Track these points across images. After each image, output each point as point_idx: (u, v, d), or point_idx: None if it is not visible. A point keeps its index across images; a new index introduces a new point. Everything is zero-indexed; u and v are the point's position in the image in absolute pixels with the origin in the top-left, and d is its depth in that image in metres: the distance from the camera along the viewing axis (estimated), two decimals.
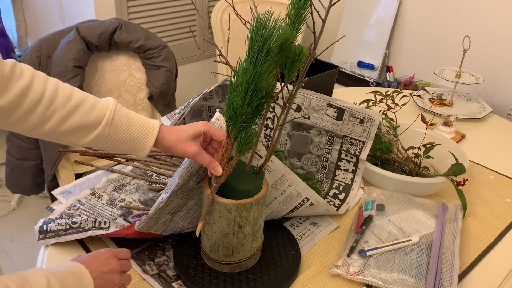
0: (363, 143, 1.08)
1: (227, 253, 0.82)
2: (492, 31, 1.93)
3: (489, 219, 1.06)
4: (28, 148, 1.57)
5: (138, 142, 0.76)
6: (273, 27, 0.67)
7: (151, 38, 1.66)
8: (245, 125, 0.72)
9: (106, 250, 0.73)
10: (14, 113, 0.67)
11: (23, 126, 0.69)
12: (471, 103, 1.67)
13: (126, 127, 0.75)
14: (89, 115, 0.72)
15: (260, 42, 0.67)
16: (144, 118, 0.77)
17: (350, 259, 0.88)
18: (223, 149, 0.76)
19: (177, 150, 0.77)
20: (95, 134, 0.73)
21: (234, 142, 0.75)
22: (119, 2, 2.10)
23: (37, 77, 0.70)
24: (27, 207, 2.23)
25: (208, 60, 2.58)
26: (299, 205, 0.95)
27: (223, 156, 0.76)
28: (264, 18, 0.67)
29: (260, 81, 0.68)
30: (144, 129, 0.76)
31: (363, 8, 2.31)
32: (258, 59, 0.67)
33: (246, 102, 0.69)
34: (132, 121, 0.75)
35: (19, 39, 2.56)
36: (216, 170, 0.75)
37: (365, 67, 2.31)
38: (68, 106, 0.71)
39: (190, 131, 0.77)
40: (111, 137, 0.74)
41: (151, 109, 1.78)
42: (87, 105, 0.72)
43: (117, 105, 0.75)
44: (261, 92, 0.69)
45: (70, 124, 0.71)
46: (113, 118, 0.73)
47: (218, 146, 0.81)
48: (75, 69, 1.50)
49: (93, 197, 1.03)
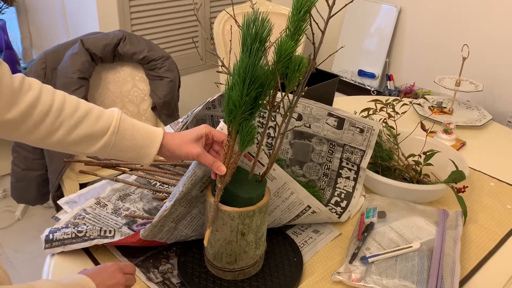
0: (363, 152, 1.09)
1: (231, 261, 0.83)
2: (492, 39, 1.95)
3: (489, 226, 1.07)
4: (33, 159, 1.59)
5: (143, 149, 0.78)
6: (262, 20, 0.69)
7: (155, 50, 1.68)
8: (245, 117, 0.73)
9: (112, 264, 0.74)
10: (23, 124, 0.69)
11: (32, 137, 0.71)
12: (471, 110, 1.69)
13: (131, 135, 0.77)
14: (96, 124, 0.74)
15: (252, 34, 0.69)
16: (149, 126, 0.79)
17: (352, 265, 0.89)
18: (225, 148, 0.78)
19: (181, 152, 0.79)
20: (102, 142, 0.75)
21: (235, 138, 0.76)
22: (123, 14, 2.13)
23: (45, 89, 0.72)
24: (32, 217, 2.24)
25: (211, 70, 2.61)
26: (301, 213, 0.96)
27: (225, 155, 0.78)
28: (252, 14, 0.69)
29: (256, 69, 0.70)
30: (149, 136, 0.78)
31: (363, 17, 2.33)
32: (252, 50, 0.70)
33: (244, 92, 0.71)
34: (137, 129, 0.78)
35: (24, 51, 2.59)
36: (220, 169, 0.76)
37: (366, 76, 2.34)
38: (75, 117, 0.73)
39: (192, 134, 0.79)
40: (117, 145, 0.76)
41: (155, 119, 1.80)
42: (93, 115, 0.75)
43: (122, 114, 0.77)
44: (258, 81, 0.71)
45: (78, 134, 0.73)
46: (119, 127, 0.76)
47: (220, 148, 0.82)
48: (79, 80, 1.52)
49: (98, 206, 1.04)
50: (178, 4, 2.31)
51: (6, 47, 2.31)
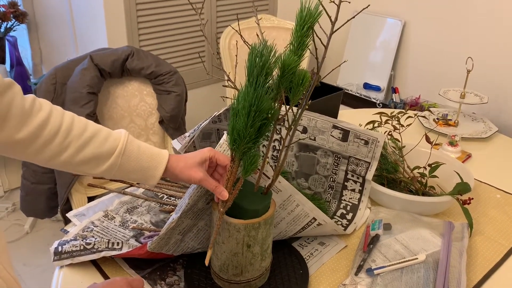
0: (368, 163, 1.10)
1: (237, 273, 0.84)
2: (496, 51, 1.96)
3: (496, 238, 1.07)
4: (42, 172, 1.62)
5: (148, 171, 0.79)
6: (270, 51, 0.70)
7: (162, 65, 1.71)
8: (249, 146, 0.74)
9: (121, 279, 0.75)
10: (32, 144, 0.71)
11: (40, 157, 0.72)
12: (477, 122, 1.69)
13: (137, 156, 0.78)
14: (103, 145, 0.75)
15: (259, 66, 0.70)
16: (154, 149, 0.80)
17: (358, 277, 0.90)
18: (228, 173, 0.79)
19: (184, 176, 0.80)
20: (109, 163, 0.76)
21: (238, 164, 0.77)
22: (131, 30, 2.17)
23: (54, 110, 0.74)
24: (40, 230, 2.26)
25: (217, 84, 2.64)
26: (307, 225, 0.97)
27: (228, 180, 0.78)
28: (260, 45, 0.70)
29: (261, 102, 0.71)
30: (154, 158, 0.79)
31: (368, 31, 2.36)
32: (258, 82, 0.71)
33: (249, 123, 0.72)
34: (143, 151, 0.79)
35: (34, 67, 2.64)
36: (222, 195, 0.77)
37: (371, 89, 2.35)
38: (83, 137, 0.74)
39: (196, 158, 0.80)
40: (123, 167, 0.77)
41: (162, 132, 1.82)
42: (101, 136, 0.76)
43: (129, 136, 0.78)
44: (263, 113, 0.72)
45: (85, 155, 0.74)
46: (126, 148, 0.77)
47: (223, 172, 0.83)
48: (89, 95, 1.55)
49: (106, 219, 1.06)
50: (185, 20, 2.36)
51: (17, 63, 2.35)
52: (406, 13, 2.23)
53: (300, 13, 0.72)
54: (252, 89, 0.71)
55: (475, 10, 1.99)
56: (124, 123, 1.75)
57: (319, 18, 0.71)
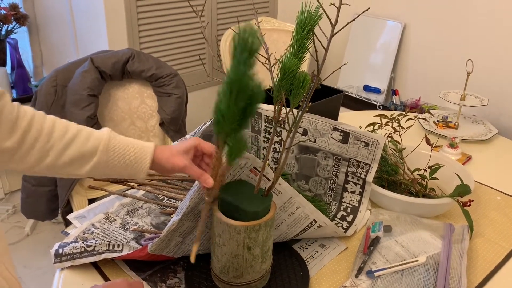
0: (369, 165, 1.10)
1: (237, 275, 0.84)
2: (496, 53, 1.96)
3: (496, 240, 1.07)
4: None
5: (136, 165, 0.78)
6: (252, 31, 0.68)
7: (163, 67, 1.71)
8: (233, 127, 0.70)
9: (121, 281, 0.75)
10: (18, 151, 0.70)
11: (23, 165, 0.72)
12: (477, 125, 1.69)
13: (122, 151, 0.77)
14: (86, 144, 0.75)
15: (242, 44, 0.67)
16: (139, 142, 0.80)
17: (358, 279, 0.90)
18: (213, 160, 0.76)
19: (168, 165, 0.79)
20: (94, 162, 0.75)
21: (223, 150, 0.74)
22: (131, 33, 2.17)
23: (37, 115, 0.74)
24: (41, 233, 2.26)
25: (217, 86, 2.64)
26: (307, 227, 0.97)
27: (214, 167, 0.76)
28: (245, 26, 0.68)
29: (245, 79, 0.67)
30: (140, 150, 0.78)
31: (368, 33, 2.36)
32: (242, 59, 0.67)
33: (231, 103, 0.68)
34: (128, 145, 0.78)
35: (35, 69, 2.65)
36: (207, 181, 0.76)
37: (371, 91, 2.35)
38: (65, 139, 0.74)
39: (181, 146, 0.80)
40: (109, 163, 0.77)
41: (162, 135, 1.82)
42: (83, 135, 0.75)
43: (112, 132, 0.78)
44: (245, 91, 0.68)
45: (68, 155, 0.74)
46: (109, 144, 0.76)
47: (210, 161, 0.82)
48: (89, 97, 1.55)
49: (107, 221, 1.06)
50: (186, 22, 2.36)
51: (17, 66, 2.36)
52: (406, 15, 2.23)
53: (301, 16, 0.73)
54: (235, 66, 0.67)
55: (475, 13, 1.99)
56: (124, 125, 1.76)
57: (319, 20, 0.72)
